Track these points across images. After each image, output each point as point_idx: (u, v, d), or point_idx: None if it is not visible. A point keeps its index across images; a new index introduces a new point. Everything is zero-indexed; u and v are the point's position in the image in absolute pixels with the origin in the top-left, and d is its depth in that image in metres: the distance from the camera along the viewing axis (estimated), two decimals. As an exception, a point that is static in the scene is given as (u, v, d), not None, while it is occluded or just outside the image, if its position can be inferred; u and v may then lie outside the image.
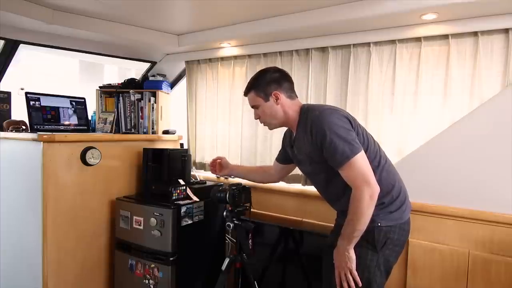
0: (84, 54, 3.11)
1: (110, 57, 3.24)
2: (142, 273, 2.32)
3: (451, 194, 1.95)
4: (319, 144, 1.47)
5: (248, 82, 1.68)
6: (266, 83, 1.61)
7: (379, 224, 1.49)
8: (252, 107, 1.69)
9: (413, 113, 2.16)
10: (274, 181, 2.06)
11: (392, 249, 1.54)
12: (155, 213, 2.25)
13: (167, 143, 2.94)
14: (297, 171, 1.97)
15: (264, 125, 1.71)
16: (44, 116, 2.48)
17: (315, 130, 1.48)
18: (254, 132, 2.75)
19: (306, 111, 1.58)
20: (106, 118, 3.02)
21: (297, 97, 1.67)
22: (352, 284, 1.46)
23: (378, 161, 1.54)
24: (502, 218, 1.81)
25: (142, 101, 3.02)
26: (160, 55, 3.19)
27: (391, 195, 1.53)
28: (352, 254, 1.46)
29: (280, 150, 1.92)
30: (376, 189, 1.40)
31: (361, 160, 1.41)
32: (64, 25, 2.34)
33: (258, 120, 1.71)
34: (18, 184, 2.31)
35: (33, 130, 2.38)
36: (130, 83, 3.09)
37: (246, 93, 1.69)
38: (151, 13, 2.36)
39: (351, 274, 1.47)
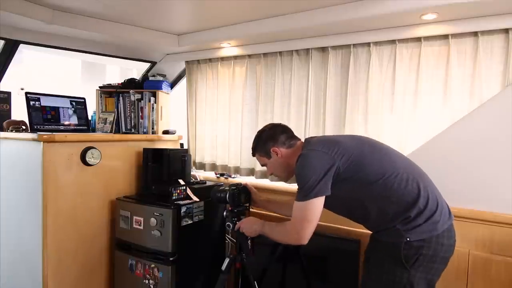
0: (86, 54, 3.10)
1: (110, 57, 3.24)
2: (142, 273, 2.32)
3: (451, 194, 1.93)
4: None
5: (252, 144, 1.80)
6: (263, 143, 1.72)
7: (408, 239, 1.39)
8: (262, 165, 1.81)
9: (413, 113, 2.16)
10: None
11: (429, 266, 1.41)
12: (155, 213, 2.25)
13: (167, 143, 2.94)
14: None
15: (280, 180, 1.81)
16: (44, 116, 2.47)
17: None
18: (254, 132, 2.73)
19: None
20: (106, 118, 3.02)
21: (299, 140, 1.72)
22: None
23: (382, 174, 1.44)
24: (502, 218, 1.81)
25: (142, 101, 3.02)
26: (160, 55, 3.19)
27: (418, 206, 1.41)
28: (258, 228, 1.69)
29: None
30: (302, 241, 1.46)
31: (316, 204, 1.45)
32: (64, 25, 2.34)
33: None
34: (18, 184, 2.31)
35: (33, 130, 2.37)
36: (130, 83, 3.09)
37: (253, 155, 1.81)
38: (151, 13, 2.36)
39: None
